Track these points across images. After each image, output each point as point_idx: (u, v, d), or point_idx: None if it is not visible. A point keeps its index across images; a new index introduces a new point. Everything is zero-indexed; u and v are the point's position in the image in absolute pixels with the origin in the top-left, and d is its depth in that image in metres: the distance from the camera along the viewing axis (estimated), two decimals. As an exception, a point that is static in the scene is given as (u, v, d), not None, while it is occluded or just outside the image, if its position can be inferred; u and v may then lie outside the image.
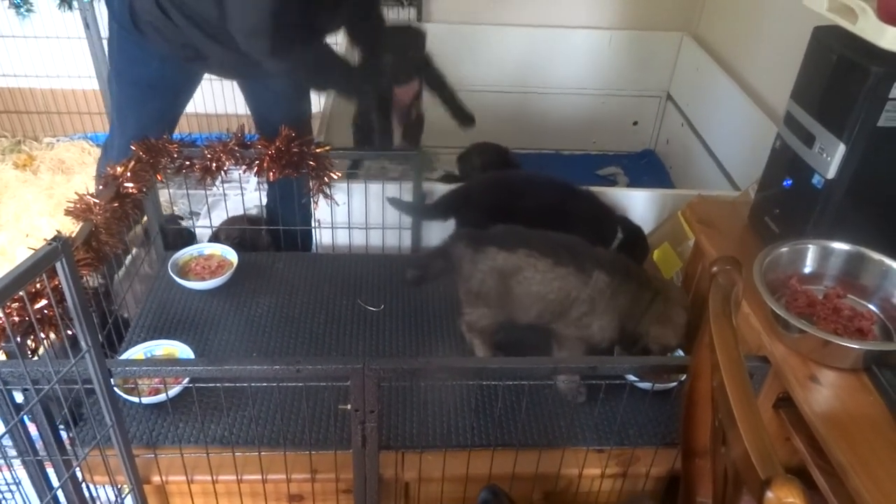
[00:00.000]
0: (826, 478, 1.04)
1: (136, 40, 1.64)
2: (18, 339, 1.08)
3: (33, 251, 0.89)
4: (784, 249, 1.24)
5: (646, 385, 1.39)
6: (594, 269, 1.33)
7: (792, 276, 1.24)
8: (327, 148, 1.64)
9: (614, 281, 1.34)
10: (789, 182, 1.32)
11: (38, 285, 1.14)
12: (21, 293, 0.93)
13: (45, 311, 1.13)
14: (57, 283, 0.97)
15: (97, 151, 3.05)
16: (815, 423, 1.01)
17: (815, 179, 1.23)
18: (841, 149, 1.17)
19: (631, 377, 1.36)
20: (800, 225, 1.28)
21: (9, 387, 1.01)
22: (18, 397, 1.05)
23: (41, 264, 0.87)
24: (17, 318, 1.11)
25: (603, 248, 1.41)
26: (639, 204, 1.87)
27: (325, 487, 1.28)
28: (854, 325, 1.16)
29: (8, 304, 1.09)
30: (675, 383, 1.42)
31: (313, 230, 1.89)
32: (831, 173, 1.19)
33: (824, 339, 1.07)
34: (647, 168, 3.02)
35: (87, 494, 1.21)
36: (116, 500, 1.26)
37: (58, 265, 0.91)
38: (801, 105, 1.27)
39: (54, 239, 0.91)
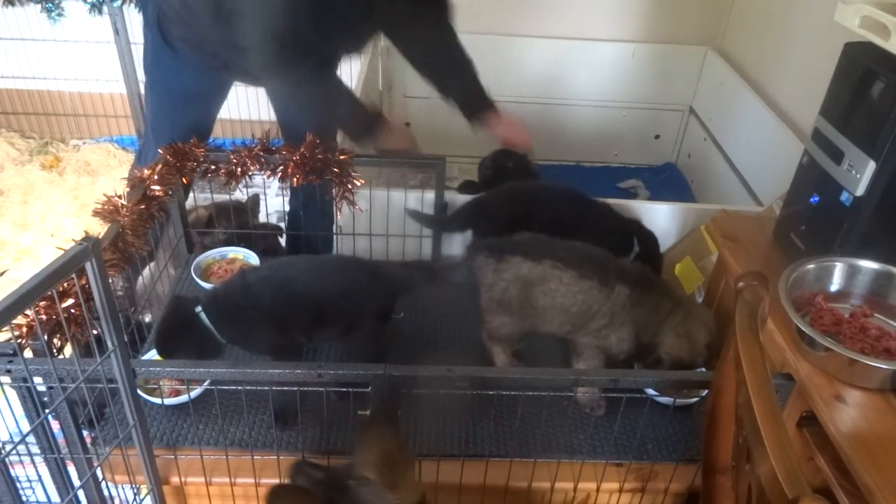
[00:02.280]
0: (851, 500, 1.03)
1: (171, 52, 1.66)
2: (46, 337, 1.09)
3: (60, 251, 0.90)
4: (810, 266, 1.23)
5: (667, 400, 1.37)
6: (617, 282, 1.33)
7: (818, 294, 1.23)
8: (351, 155, 1.65)
9: (634, 293, 1.33)
10: (816, 198, 1.31)
11: (65, 284, 1.15)
12: (51, 292, 0.94)
13: (73, 311, 1.15)
14: (84, 282, 0.98)
15: (122, 154, 3.09)
16: (841, 444, 1.00)
17: (844, 196, 1.22)
18: (871, 166, 1.16)
19: (650, 391, 1.35)
20: (826, 242, 1.27)
21: (35, 384, 1.02)
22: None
23: (72, 264, 0.88)
24: (44, 317, 1.13)
25: (627, 260, 1.40)
26: (661, 217, 1.86)
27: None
28: (882, 344, 1.14)
29: (36, 302, 1.10)
30: (696, 398, 1.41)
31: (335, 237, 1.89)
32: (860, 190, 1.18)
33: (851, 357, 1.06)
34: (668, 182, 3.01)
35: (105, 493, 1.22)
36: (134, 500, 1.27)
37: (87, 265, 0.92)
38: (830, 121, 1.26)
39: (84, 239, 0.92)
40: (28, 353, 1.12)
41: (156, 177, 1.49)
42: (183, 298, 1.34)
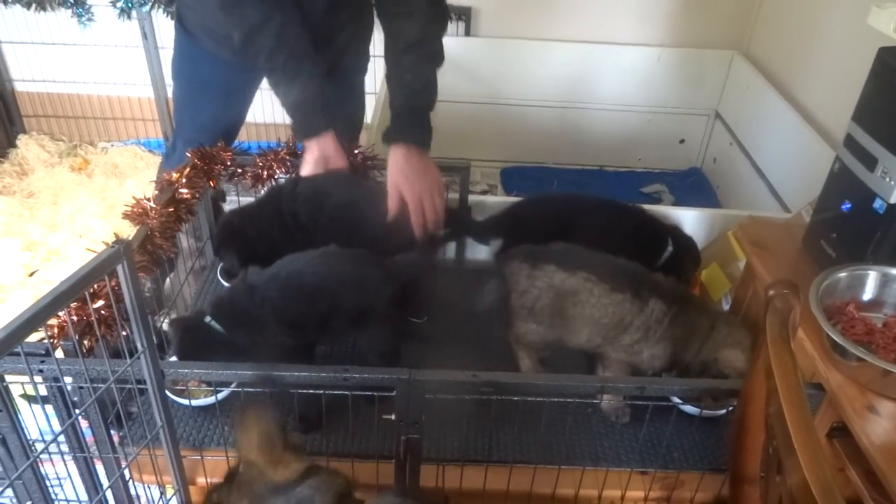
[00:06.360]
0: (883, 512, 1.01)
1: (191, 41, 1.70)
2: (77, 337, 1.11)
3: (90, 252, 0.92)
4: (842, 275, 1.21)
5: (693, 410, 1.35)
6: (651, 296, 1.31)
7: (849, 303, 1.21)
8: (376, 157, 1.66)
9: (672, 310, 1.32)
10: (848, 205, 1.29)
11: (95, 286, 1.17)
12: (84, 293, 0.95)
13: (102, 312, 1.16)
14: (115, 284, 1.00)
15: (149, 156, 3.14)
16: (874, 456, 0.98)
17: (877, 204, 1.20)
18: (905, 173, 1.14)
19: (676, 399, 1.34)
20: (859, 250, 1.25)
21: (66, 384, 1.04)
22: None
23: (104, 266, 0.90)
24: (75, 318, 1.14)
25: (662, 276, 1.38)
26: (687, 223, 1.84)
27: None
28: (916, 355, 1.12)
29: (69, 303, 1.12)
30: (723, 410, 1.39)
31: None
32: (894, 198, 1.16)
33: (885, 368, 1.04)
34: (692, 187, 2.98)
35: (133, 493, 1.24)
36: (160, 499, 1.28)
37: (119, 267, 0.93)
38: (863, 127, 1.24)
39: (116, 242, 0.93)
40: (58, 354, 1.14)
41: (184, 180, 1.51)
42: (186, 318, 1.35)
